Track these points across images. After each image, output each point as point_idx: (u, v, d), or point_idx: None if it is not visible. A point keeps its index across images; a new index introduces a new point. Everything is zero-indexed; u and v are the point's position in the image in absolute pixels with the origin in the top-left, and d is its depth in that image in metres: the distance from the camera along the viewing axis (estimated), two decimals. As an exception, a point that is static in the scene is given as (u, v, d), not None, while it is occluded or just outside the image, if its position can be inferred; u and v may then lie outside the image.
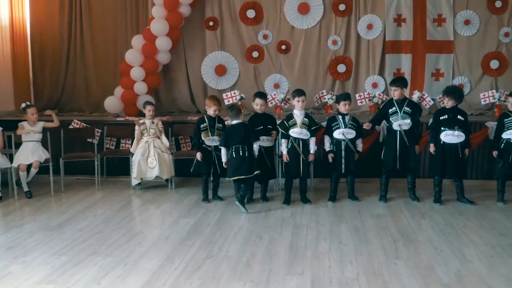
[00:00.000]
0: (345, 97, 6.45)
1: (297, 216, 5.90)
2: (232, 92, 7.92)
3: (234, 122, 6.15)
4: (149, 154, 6.98)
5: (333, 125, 6.40)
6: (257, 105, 6.41)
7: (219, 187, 6.68)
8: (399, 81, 6.41)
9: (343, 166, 6.35)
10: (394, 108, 6.34)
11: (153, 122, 7.17)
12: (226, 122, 6.59)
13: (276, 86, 8.95)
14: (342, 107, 6.37)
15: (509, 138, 6.22)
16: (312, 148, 6.34)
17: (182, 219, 5.77)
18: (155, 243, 4.98)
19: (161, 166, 6.95)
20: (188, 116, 8.39)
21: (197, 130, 6.45)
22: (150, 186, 7.37)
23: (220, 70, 9.04)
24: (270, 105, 7.76)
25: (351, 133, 6.33)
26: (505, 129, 6.25)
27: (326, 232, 5.30)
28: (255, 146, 6.10)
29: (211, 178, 6.58)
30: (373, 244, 4.92)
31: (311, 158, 6.35)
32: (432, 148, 6.36)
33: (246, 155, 6.01)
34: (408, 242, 5.00)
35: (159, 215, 6.02)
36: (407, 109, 6.30)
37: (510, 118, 6.23)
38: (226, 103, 7.92)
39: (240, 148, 6.01)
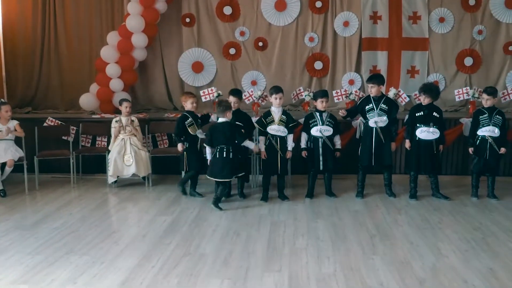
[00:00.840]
0: (323, 94, 6.48)
1: (274, 213, 5.91)
2: (209, 89, 7.89)
3: (220, 120, 6.04)
4: (126, 152, 6.92)
5: (310, 122, 6.42)
6: (231, 102, 6.41)
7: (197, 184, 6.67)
8: (376, 78, 6.47)
9: (321, 163, 6.38)
10: (371, 105, 6.39)
11: (129, 120, 7.10)
12: (211, 119, 6.61)
13: (253, 83, 8.94)
14: (320, 104, 6.40)
15: (484, 135, 6.32)
16: (290, 145, 6.36)
17: (160, 217, 5.74)
18: (132, 241, 4.94)
19: (137, 163, 6.90)
20: (165, 113, 8.33)
21: (182, 127, 6.46)
22: (127, 184, 7.31)
23: (197, 67, 8.99)
24: (247, 102, 7.76)
25: (329, 130, 6.36)
26: (480, 126, 6.35)
27: (303, 228, 5.33)
28: (247, 144, 6.06)
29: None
30: (350, 240, 4.96)
31: (288, 155, 6.36)
32: (407, 144, 6.43)
33: (231, 156, 5.93)
34: (384, 237, 5.05)
35: (136, 213, 5.98)
36: (383, 106, 6.36)
37: (485, 115, 6.33)
38: (203, 100, 7.90)
39: (225, 149, 5.93)
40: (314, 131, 6.37)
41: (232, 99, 6.43)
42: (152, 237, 5.04)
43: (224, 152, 5.92)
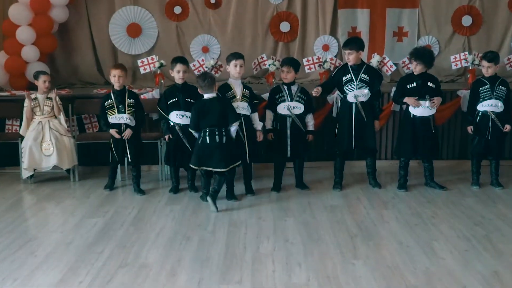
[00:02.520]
0: (287, 62, 6.48)
1: (233, 210, 5.91)
2: (150, 57, 7.81)
3: (207, 95, 5.96)
4: (44, 139, 6.81)
5: (276, 97, 6.42)
6: (178, 72, 6.33)
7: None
8: (353, 42, 6.49)
9: (289, 148, 6.39)
10: (348, 76, 6.42)
11: (48, 98, 6.96)
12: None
13: (205, 49, 8.87)
14: (282, 74, 6.40)
15: (486, 111, 6.45)
16: (259, 124, 6.36)
17: (89, 219, 5.67)
18: (54, 251, 4.86)
19: (59, 153, 6.80)
20: (93, 89, 8.20)
21: (102, 108, 6.45)
22: (47, 178, 7.21)
23: (134, 31, 8.85)
24: (197, 73, 7.67)
25: (299, 108, 6.37)
26: (481, 99, 6.47)
27: (269, 229, 5.33)
28: (232, 129, 5.97)
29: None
30: (326, 242, 4.99)
31: (260, 136, 6.37)
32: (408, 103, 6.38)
33: (224, 141, 5.86)
34: (367, 237, 5.11)
35: (59, 215, 5.90)
36: (364, 76, 6.40)
37: (486, 86, 6.46)
38: (142, 71, 7.80)
39: (217, 132, 5.85)
40: (281, 109, 6.37)
41: (180, 67, 6.36)
42: (80, 245, 4.97)
43: (217, 136, 5.85)
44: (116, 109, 6.38)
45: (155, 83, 7.88)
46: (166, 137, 6.42)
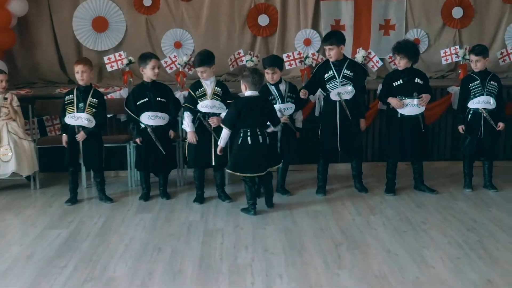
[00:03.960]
0: (269, 63, 6.41)
1: (209, 218, 5.90)
2: (117, 54, 7.77)
3: (250, 93, 5.96)
4: (1, 143, 6.76)
5: (269, 99, 6.37)
6: (153, 68, 6.31)
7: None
8: (333, 37, 6.48)
9: (278, 151, 6.38)
10: (331, 72, 6.44)
11: (5, 99, 6.89)
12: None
13: (177, 45, 8.85)
14: (267, 76, 6.36)
15: (477, 108, 6.51)
16: None
17: (51, 230, 5.63)
18: (13, 265, 4.81)
19: (19, 158, 6.75)
20: (56, 88, 8.13)
21: (63, 105, 6.39)
22: (5, 186, 7.14)
23: (100, 25, 8.80)
24: (169, 71, 7.67)
25: (290, 108, 6.38)
26: (472, 96, 6.53)
27: (247, 238, 5.33)
28: (269, 130, 6.04)
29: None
30: (309, 251, 5.00)
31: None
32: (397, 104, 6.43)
33: (267, 142, 5.93)
34: (353, 245, 5.12)
35: (19, 227, 5.84)
36: (347, 72, 6.41)
37: (477, 82, 6.51)
38: (109, 69, 7.76)
39: (259, 132, 5.89)
40: None
41: (155, 63, 6.33)
42: (41, 258, 4.92)
43: (260, 137, 5.88)
44: (75, 107, 6.30)
45: (123, 81, 7.83)
46: (137, 140, 6.38)
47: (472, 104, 6.51)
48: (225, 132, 5.94)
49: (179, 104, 6.58)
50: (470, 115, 6.56)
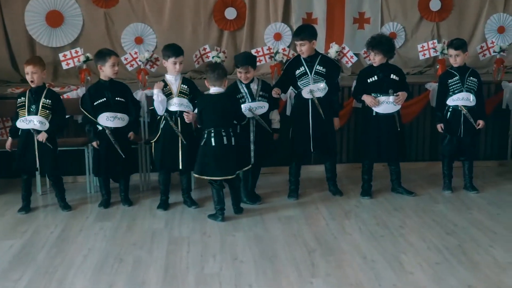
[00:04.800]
0: (242, 62, 6.39)
1: (174, 225, 5.90)
2: (73, 50, 7.70)
3: (213, 90, 5.97)
4: None
5: (237, 97, 6.36)
6: (114, 65, 6.29)
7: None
8: (305, 31, 6.52)
9: (252, 154, 6.39)
10: (302, 69, 6.47)
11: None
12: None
13: (138, 40, 8.80)
14: (239, 75, 6.36)
15: (457, 105, 6.59)
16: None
17: (3, 241, 5.57)
18: (-38, 279, 4.76)
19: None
20: (8, 88, 8.04)
21: (16, 108, 6.32)
22: (-47, 195, 7.06)
23: (54, 19, 8.72)
24: (129, 68, 7.64)
25: (262, 107, 6.38)
26: (450, 93, 6.61)
27: (215, 246, 5.34)
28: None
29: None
30: (280, 259, 5.02)
31: None
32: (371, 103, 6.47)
33: (233, 143, 5.90)
34: (327, 252, 5.16)
35: (-32, 238, 5.77)
36: (320, 68, 6.46)
37: (456, 78, 6.60)
38: (65, 67, 7.70)
39: (224, 133, 5.87)
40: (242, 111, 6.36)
41: (115, 59, 6.31)
42: (-7, 272, 4.88)
43: (224, 138, 5.88)
44: (26, 110, 6.21)
45: (80, 80, 7.78)
46: (94, 143, 6.34)
47: (451, 101, 6.59)
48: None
49: (139, 104, 6.56)
50: (449, 113, 6.65)
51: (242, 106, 6.28)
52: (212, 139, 5.87)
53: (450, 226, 5.74)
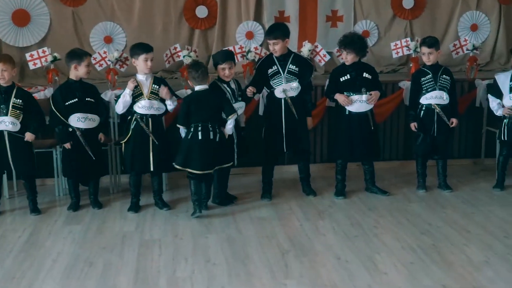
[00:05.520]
0: (223, 57, 6.39)
1: (145, 228, 5.89)
2: (41, 50, 7.61)
3: (199, 87, 6.06)
4: None
5: None
6: (88, 65, 6.26)
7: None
8: (278, 30, 6.54)
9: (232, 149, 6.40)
10: (275, 68, 6.49)
11: None
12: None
13: (108, 39, 8.74)
14: (221, 72, 6.33)
15: (430, 104, 6.66)
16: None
17: (-32, 246, 5.54)
18: None
19: None
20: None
21: None
22: None
23: (20, 18, 8.62)
24: (98, 68, 7.60)
25: (242, 107, 6.43)
26: (423, 91, 6.67)
27: (187, 248, 5.34)
28: (230, 125, 6.12)
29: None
30: (253, 261, 5.03)
31: None
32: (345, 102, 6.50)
33: (217, 139, 6.00)
34: (301, 253, 5.18)
35: None
36: (292, 67, 6.49)
37: (429, 76, 6.67)
38: (32, 67, 7.62)
39: (211, 128, 5.96)
40: None
41: (88, 60, 6.31)
42: (-42, 278, 4.83)
43: (211, 132, 5.97)
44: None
45: (47, 80, 7.71)
46: (66, 145, 6.29)
47: (425, 99, 6.66)
48: (181, 129, 6.12)
49: (107, 106, 6.51)
50: (422, 112, 6.71)
51: None
52: (199, 133, 5.96)
53: (424, 226, 5.80)
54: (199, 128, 5.98)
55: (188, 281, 4.65)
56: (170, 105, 6.30)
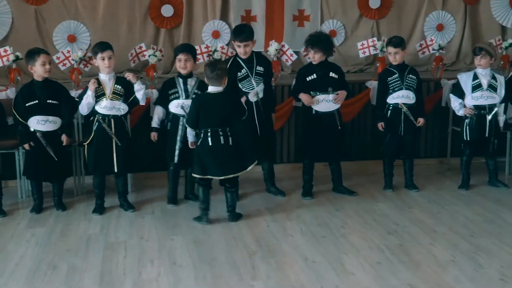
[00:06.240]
0: (181, 49, 6.46)
1: (110, 230, 5.86)
2: (2, 49, 7.52)
3: (213, 89, 5.92)
4: None
5: (170, 92, 6.40)
6: (44, 64, 6.18)
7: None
8: (246, 31, 6.52)
9: (177, 152, 6.39)
10: (243, 71, 6.47)
11: None
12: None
13: (71, 38, 8.67)
14: (178, 63, 6.39)
15: (397, 103, 6.71)
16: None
17: None
18: None
19: None
20: None
21: None
22: None
23: (-19, 17, 8.54)
24: (62, 67, 7.53)
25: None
26: (390, 91, 6.73)
27: (153, 250, 5.32)
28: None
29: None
30: (220, 262, 5.03)
31: (153, 137, 6.47)
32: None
33: (230, 143, 5.88)
34: (268, 254, 5.19)
35: None
36: (259, 69, 6.51)
37: (395, 75, 6.73)
38: (-6, 66, 7.55)
39: (221, 133, 5.85)
40: (174, 107, 6.36)
41: (45, 58, 6.19)
42: None
43: (222, 137, 5.86)
44: None
45: (9, 80, 7.61)
46: (26, 145, 6.22)
47: (391, 99, 6.72)
48: (189, 131, 6.04)
49: (75, 106, 6.45)
50: (389, 111, 6.76)
51: (175, 101, 6.35)
52: (209, 139, 5.85)
53: (391, 225, 5.84)
54: (209, 134, 5.87)
55: (154, 284, 4.63)
56: (139, 90, 6.22)
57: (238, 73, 6.48)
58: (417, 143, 7.14)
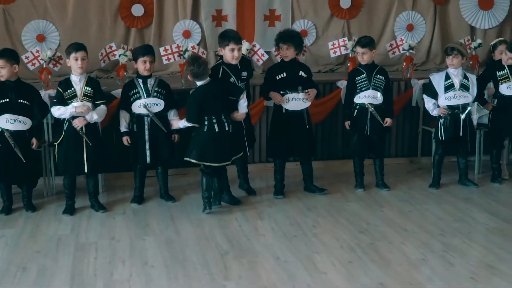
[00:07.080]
0: (144, 51, 6.45)
1: (81, 231, 5.83)
2: (-30, 49, 7.46)
3: (201, 82, 6.12)
4: None
5: (130, 94, 6.39)
6: (2, 67, 6.15)
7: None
8: (236, 34, 6.54)
9: (148, 153, 6.38)
10: (232, 80, 6.40)
11: None
12: None
13: (40, 38, 8.62)
14: (141, 65, 6.37)
15: (363, 103, 6.77)
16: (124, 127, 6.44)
17: None
18: None
19: None
20: None
21: None
22: None
23: None
24: (31, 67, 7.47)
25: (158, 105, 6.37)
26: (358, 90, 6.79)
27: (124, 251, 5.31)
28: (242, 102, 6.24)
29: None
30: (192, 262, 5.04)
31: (126, 141, 6.44)
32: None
33: (231, 130, 6.14)
34: (240, 253, 5.21)
35: None
36: (244, 74, 6.50)
37: (363, 75, 6.78)
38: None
39: (224, 119, 6.09)
40: (137, 107, 6.35)
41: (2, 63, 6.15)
42: None
43: (225, 124, 6.12)
44: None
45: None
46: None
47: (358, 98, 6.77)
48: (182, 123, 6.21)
49: (46, 109, 6.40)
50: (356, 111, 6.81)
51: (137, 102, 6.37)
52: (215, 126, 6.04)
53: (362, 225, 5.89)
54: (214, 121, 6.04)
55: (126, 284, 4.62)
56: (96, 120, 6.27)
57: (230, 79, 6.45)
58: (387, 142, 7.20)
